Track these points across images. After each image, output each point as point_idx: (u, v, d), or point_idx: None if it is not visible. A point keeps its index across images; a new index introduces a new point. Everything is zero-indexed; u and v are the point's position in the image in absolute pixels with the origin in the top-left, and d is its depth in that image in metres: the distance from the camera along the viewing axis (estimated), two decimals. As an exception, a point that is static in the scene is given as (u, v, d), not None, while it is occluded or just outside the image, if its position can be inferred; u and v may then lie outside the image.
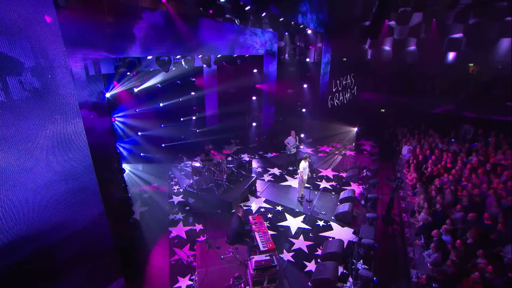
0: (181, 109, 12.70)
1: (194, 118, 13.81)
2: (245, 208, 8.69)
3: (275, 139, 13.20)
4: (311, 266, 6.50)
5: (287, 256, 6.77)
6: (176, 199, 9.26)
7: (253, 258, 5.25)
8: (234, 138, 14.05)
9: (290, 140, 10.73)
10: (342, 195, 9.05)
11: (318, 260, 6.64)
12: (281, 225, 7.97)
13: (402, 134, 14.71)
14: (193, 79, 13.07)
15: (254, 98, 13.91)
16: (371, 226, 7.49)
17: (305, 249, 7.03)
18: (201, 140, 10.41)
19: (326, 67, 14.82)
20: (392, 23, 18.06)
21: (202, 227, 7.78)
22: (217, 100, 13.75)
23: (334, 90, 16.61)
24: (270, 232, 7.53)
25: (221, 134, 13.54)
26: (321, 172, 11.36)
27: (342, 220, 8.06)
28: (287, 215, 8.41)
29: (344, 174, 11.05)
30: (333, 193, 9.80)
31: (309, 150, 13.28)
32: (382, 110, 18.80)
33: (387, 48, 18.63)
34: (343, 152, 12.94)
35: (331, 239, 7.29)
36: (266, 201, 9.14)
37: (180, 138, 12.80)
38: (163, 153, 11.73)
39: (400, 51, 18.19)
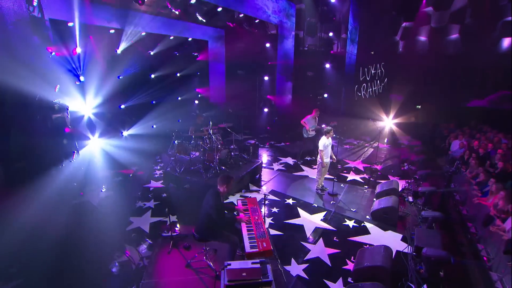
0: (180, 86, 10.68)
1: (196, 102, 11.79)
2: (241, 198, 6.28)
3: (291, 131, 10.67)
4: None
5: (296, 269, 4.23)
6: (155, 184, 7.05)
7: (229, 265, 2.83)
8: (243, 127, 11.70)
9: (309, 121, 8.24)
10: (380, 188, 6.41)
11: (349, 279, 4.04)
12: (291, 223, 5.45)
13: (448, 130, 11.97)
14: (195, 54, 11.16)
15: (266, 78, 11.71)
16: (432, 230, 4.80)
17: (327, 260, 4.45)
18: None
19: (352, 43, 12.32)
20: (429, 9, 15.44)
21: (176, 219, 5.42)
22: (224, 83, 11.68)
23: (361, 79, 14.12)
24: (274, 232, 5.06)
25: (228, 120, 11.31)
26: (348, 163, 8.75)
27: (384, 220, 5.39)
28: (300, 211, 5.89)
29: (379, 167, 8.38)
30: (366, 186, 7.16)
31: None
32: (418, 106, 16.06)
33: (422, 38, 15.93)
34: (375, 144, 10.27)
35: (367, 246, 4.68)
36: (272, 192, 6.67)
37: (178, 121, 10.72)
38: (153, 134, 9.61)
39: (439, 40, 15.44)
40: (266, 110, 12.07)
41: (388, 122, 12.41)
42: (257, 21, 9.75)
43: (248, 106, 11.77)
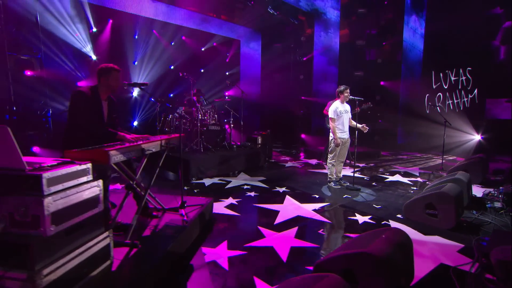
0: (203, 84, 9.91)
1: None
2: (219, 182, 4.67)
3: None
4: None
5: (216, 255, 2.32)
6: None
7: None
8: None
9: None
10: (435, 182, 3.87)
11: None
12: (262, 207, 3.52)
13: None
14: (226, 54, 10.65)
15: (301, 77, 10.24)
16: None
17: (283, 253, 2.37)
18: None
19: (410, 24, 9.74)
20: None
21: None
22: (260, 86, 10.71)
23: (434, 86, 11.05)
24: (226, 212, 3.30)
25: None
26: (397, 168, 6.14)
27: (424, 217, 2.94)
28: (288, 198, 3.87)
29: (444, 173, 5.54)
30: (414, 188, 4.58)
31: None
32: (537, 126, 11.44)
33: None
34: (450, 157, 7.21)
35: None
36: (265, 181, 4.82)
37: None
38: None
39: None
40: (301, 112, 10.32)
41: (475, 136, 9.07)
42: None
43: (281, 112, 10.29)
